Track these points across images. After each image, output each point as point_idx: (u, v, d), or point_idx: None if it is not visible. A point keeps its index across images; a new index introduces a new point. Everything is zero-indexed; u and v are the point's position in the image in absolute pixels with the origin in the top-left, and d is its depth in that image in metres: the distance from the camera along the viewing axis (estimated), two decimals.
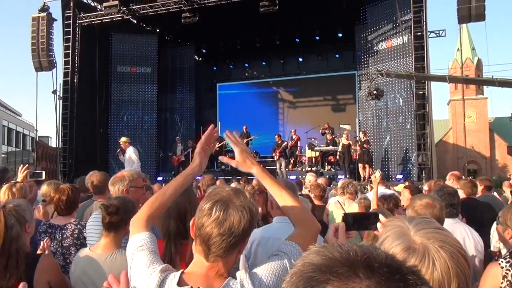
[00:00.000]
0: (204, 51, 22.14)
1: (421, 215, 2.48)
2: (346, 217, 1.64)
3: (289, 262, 1.53)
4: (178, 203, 2.09)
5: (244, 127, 17.47)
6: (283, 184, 2.86)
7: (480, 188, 5.60)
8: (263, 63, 22.27)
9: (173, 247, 2.04)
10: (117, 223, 2.53)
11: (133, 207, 2.70)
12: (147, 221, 1.68)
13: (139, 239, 1.61)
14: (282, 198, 1.79)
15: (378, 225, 1.54)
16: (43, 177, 5.57)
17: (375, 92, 13.65)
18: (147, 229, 1.66)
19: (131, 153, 10.79)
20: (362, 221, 1.63)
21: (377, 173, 5.00)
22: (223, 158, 1.95)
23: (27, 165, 4.88)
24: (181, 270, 1.47)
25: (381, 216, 1.57)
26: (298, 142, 16.14)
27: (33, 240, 3.49)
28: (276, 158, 15.20)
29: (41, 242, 3.33)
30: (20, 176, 4.60)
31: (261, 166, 1.89)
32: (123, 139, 11.19)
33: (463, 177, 6.93)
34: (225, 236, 1.39)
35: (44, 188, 4.33)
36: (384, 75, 14.10)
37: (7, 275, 2.24)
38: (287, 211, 1.77)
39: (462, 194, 5.00)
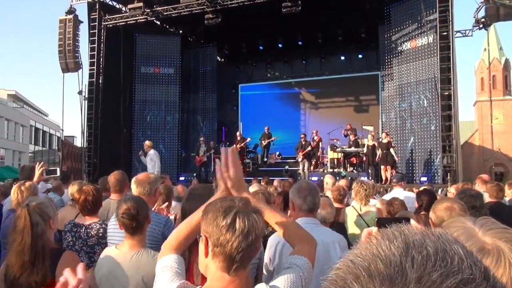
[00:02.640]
0: (226, 52, 22.24)
1: (442, 218, 2.45)
2: (379, 222, 1.64)
3: (302, 275, 1.56)
4: (190, 211, 2.09)
5: (266, 128, 17.48)
6: (306, 185, 2.87)
7: (509, 191, 5.45)
8: (285, 64, 22.21)
9: (187, 251, 2.04)
10: (142, 223, 2.57)
11: (144, 202, 2.75)
12: (176, 249, 1.71)
13: (166, 260, 1.65)
14: (278, 221, 1.79)
15: None
16: (58, 174, 5.71)
17: None
18: (176, 252, 1.69)
19: (152, 156, 11.74)
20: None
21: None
22: (220, 176, 1.80)
23: (42, 162, 5.00)
24: (199, 287, 1.47)
25: (412, 221, 1.55)
26: (320, 143, 16.04)
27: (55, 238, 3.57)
28: (300, 159, 15.16)
29: (65, 240, 3.41)
30: (36, 173, 4.71)
31: (251, 194, 1.88)
32: (147, 142, 12.16)
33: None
34: (252, 246, 1.39)
35: (74, 189, 4.42)
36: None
37: (35, 271, 2.31)
38: (285, 232, 1.78)
39: (488, 198, 4.89)
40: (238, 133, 17.52)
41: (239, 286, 1.43)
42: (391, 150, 14.07)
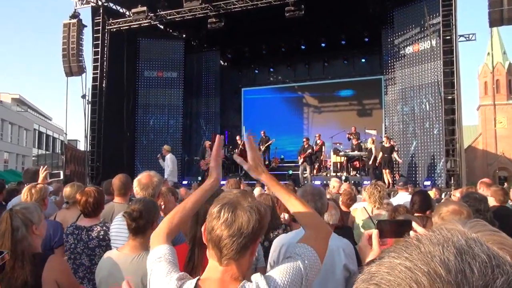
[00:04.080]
0: (229, 56, 22.28)
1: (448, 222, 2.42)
2: (380, 224, 1.60)
3: (302, 264, 1.52)
4: (206, 211, 2.09)
5: (262, 132, 17.46)
6: (311, 190, 2.85)
7: None
8: (288, 68, 22.25)
9: (197, 250, 2.04)
10: (143, 227, 2.56)
11: (155, 207, 2.73)
12: (167, 236, 1.72)
13: (158, 251, 1.64)
14: (291, 203, 1.79)
15: (411, 233, 1.49)
16: (61, 177, 5.71)
17: None
18: (167, 242, 1.69)
19: (167, 161, 12.28)
20: (396, 229, 1.58)
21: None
22: (237, 158, 1.96)
23: (46, 166, 5.01)
24: (197, 277, 1.48)
25: (414, 224, 1.53)
26: (323, 147, 16.02)
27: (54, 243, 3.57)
28: (300, 162, 15.11)
29: (67, 243, 3.41)
30: (40, 176, 4.71)
31: (270, 174, 1.91)
32: (165, 147, 12.84)
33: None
34: (235, 237, 1.41)
35: (67, 190, 4.41)
36: None
37: (14, 276, 2.29)
38: (297, 215, 1.78)
39: (493, 202, 4.85)
40: (238, 137, 17.56)
41: (233, 278, 1.44)
42: (394, 154, 14.05)
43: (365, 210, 4.96)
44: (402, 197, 6.27)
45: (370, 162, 14.45)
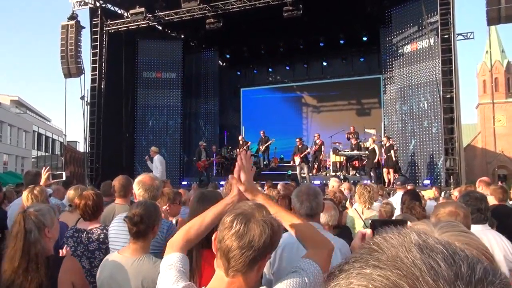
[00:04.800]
0: (228, 56, 22.27)
1: None
2: (374, 223, 1.61)
3: (308, 280, 1.53)
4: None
5: (261, 132, 17.45)
6: (306, 190, 2.85)
7: None
8: (287, 68, 22.25)
9: (194, 253, 2.03)
10: (144, 231, 2.56)
11: (156, 210, 2.72)
12: (182, 246, 1.72)
13: (170, 259, 1.66)
14: (292, 224, 1.79)
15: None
16: (64, 178, 5.70)
17: None
18: (181, 251, 1.70)
19: (156, 163, 12.14)
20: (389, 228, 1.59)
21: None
22: (232, 179, 1.90)
23: (48, 167, 5.01)
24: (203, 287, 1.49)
25: (409, 223, 1.54)
26: (322, 146, 16.01)
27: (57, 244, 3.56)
28: (296, 163, 15.06)
29: (67, 246, 3.40)
30: (43, 178, 4.71)
31: (265, 194, 1.93)
32: (152, 148, 12.63)
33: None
34: (245, 250, 1.39)
35: (71, 193, 4.40)
36: None
37: (28, 278, 2.30)
38: (299, 235, 1.77)
39: (492, 200, 4.86)
40: (240, 137, 17.51)
41: None
42: (392, 152, 14.06)
43: (355, 211, 4.97)
44: (400, 196, 6.26)
45: (376, 161, 14.35)
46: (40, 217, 2.48)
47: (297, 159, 14.94)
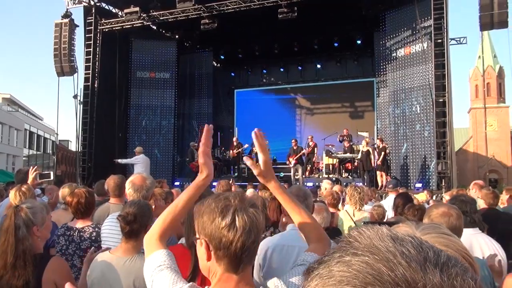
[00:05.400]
0: (222, 57, 22.26)
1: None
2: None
3: None
4: None
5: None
6: (295, 192, 2.86)
7: (506, 197, 5.46)
8: (281, 70, 22.28)
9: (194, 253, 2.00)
10: (137, 230, 2.55)
11: (149, 210, 2.72)
12: (161, 238, 1.62)
13: (157, 258, 1.55)
14: (299, 215, 1.75)
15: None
16: (52, 177, 5.67)
17: None
18: (162, 246, 1.60)
19: (138, 160, 12.23)
20: None
21: None
22: (248, 160, 1.83)
23: (36, 167, 4.97)
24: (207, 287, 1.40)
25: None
26: (315, 148, 16.06)
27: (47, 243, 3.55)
28: (291, 164, 15.10)
29: (58, 244, 3.39)
30: (30, 177, 4.68)
31: (279, 182, 1.84)
32: (137, 148, 12.74)
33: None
34: (257, 241, 1.36)
35: (65, 191, 4.38)
36: None
37: (16, 275, 2.29)
38: (302, 227, 1.75)
39: (483, 204, 4.90)
40: (234, 139, 17.52)
41: (248, 284, 1.39)
42: (382, 154, 14.12)
43: (347, 213, 5.00)
44: (392, 199, 6.29)
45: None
46: (30, 214, 2.46)
47: (292, 161, 14.98)
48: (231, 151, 17.08)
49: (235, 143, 16.95)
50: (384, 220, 4.87)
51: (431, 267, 0.52)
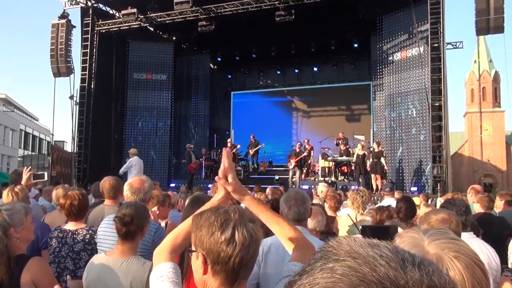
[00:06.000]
0: (219, 59, 22.23)
1: None
2: (364, 230, 1.60)
3: None
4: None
5: (252, 136, 17.47)
6: (294, 195, 2.86)
7: (501, 203, 5.48)
8: (278, 72, 22.29)
9: (186, 257, 1.99)
10: (134, 232, 2.54)
11: (146, 212, 2.72)
12: (171, 254, 1.63)
13: (161, 270, 1.56)
14: (278, 224, 1.73)
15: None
16: (46, 178, 5.65)
17: None
18: (171, 260, 1.61)
19: (132, 162, 12.21)
20: (380, 234, 1.59)
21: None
22: (219, 180, 1.75)
23: (30, 167, 4.95)
24: None
25: (400, 229, 1.54)
26: (311, 151, 16.09)
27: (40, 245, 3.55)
28: (291, 166, 15.13)
29: (51, 247, 3.37)
30: (24, 177, 4.66)
31: (254, 197, 1.84)
32: (131, 150, 12.71)
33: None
34: (255, 256, 1.35)
35: (60, 192, 4.36)
36: None
37: None
38: (284, 238, 1.72)
39: (478, 208, 4.92)
40: (229, 140, 17.54)
41: None
42: (382, 159, 14.15)
43: (349, 217, 4.97)
44: (388, 203, 6.29)
45: (369, 165, 14.42)
46: (6, 216, 2.46)
47: (292, 163, 15.03)
48: (228, 148, 17.05)
49: (229, 145, 16.97)
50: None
51: (409, 266, 0.55)
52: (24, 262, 2.41)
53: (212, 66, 22.31)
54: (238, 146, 17.05)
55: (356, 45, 18.99)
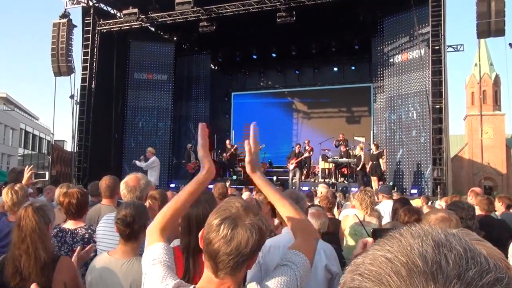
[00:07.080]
0: (220, 60, 22.23)
1: None
2: (375, 232, 1.59)
3: (298, 273, 1.51)
4: (197, 217, 2.05)
5: None
6: (288, 194, 2.86)
7: (500, 206, 5.48)
8: (279, 73, 22.29)
9: (191, 261, 1.99)
10: (137, 231, 2.53)
11: (145, 209, 2.71)
12: (162, 231, 1.66)
13: (154, 251, 1.58)
14: (283, 207, 1.76)
15: None
16: (47, 178, 5.65)
17: None
18: (163, 239, 1.63)
19: (154, 163, 12.20)
20: None
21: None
22: (247, 145, 1.86)
23: (31, 166, 4.94)
24: (193, 286, 1.44)
25: None
26: (311, 153, 16.09)
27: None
28: (291, 167, 15.11)
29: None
30: (25, 176, 4.65)
31: (263, 175, 1.88)
32: (150, 149, 12.84)
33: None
34: (232, 256, 1.35)
35: (63, 191, 4.35)
36: None
37: (45, 274, 2.30)
38: (288, 220, 1.74)
39: (478, 211, 4.91)
40: (227, 142, 17.58)
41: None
42: (380, 161, 14.15)
43: (356, 217, 4.91)
44: (386, 205, 6.26)
45: (358, 168, 14.55)
46: (47, 211, 2.51)
47: (292, 164, 15.03)
48: (225, 154, 17.14)
49: (228, 146, 17.01)
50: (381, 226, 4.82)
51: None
52: (54, 260, 2.42)
53: (213, 67, 22.30)
54: (235, 145, 17.02)
55: (357, 47, 18.97)
